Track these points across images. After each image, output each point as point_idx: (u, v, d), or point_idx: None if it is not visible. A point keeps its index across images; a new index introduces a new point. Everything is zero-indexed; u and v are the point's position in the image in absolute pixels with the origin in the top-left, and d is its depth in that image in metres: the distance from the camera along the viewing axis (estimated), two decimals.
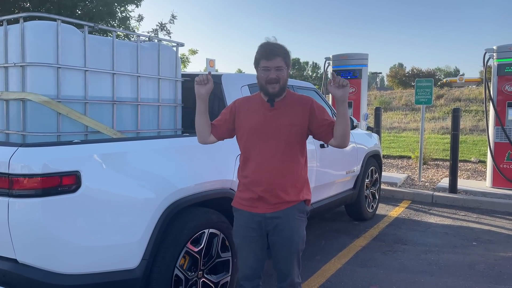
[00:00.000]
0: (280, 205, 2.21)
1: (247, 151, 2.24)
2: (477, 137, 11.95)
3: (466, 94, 18.18)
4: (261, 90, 2.24)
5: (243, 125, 2.25)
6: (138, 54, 2.94)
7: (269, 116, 2.21)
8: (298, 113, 2.23)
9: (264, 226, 2.23)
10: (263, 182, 2.19)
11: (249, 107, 2.27)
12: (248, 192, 2.24)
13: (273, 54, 2.13)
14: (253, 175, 2.21)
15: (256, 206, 2.22)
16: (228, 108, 2.34)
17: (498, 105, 6.44)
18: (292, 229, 2.23)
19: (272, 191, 2.19)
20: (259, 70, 2.17)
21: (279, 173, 2.20)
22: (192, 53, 10.02)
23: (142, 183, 2.37)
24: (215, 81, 3.40)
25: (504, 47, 6.39)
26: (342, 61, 7.91)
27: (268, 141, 2.19)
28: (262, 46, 2.18)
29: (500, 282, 3.51)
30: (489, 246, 4.40)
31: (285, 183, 2.21)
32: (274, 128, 2.20)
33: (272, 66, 2.13)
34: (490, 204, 5.92)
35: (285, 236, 2.22)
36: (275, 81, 2.14)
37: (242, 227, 2.27)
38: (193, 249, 2.61)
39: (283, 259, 2.27)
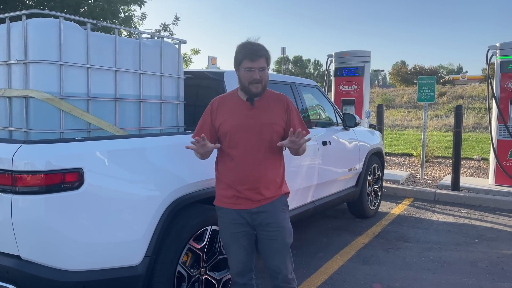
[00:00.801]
0: (263, 201, 2.28)
1: (229, 150, 2.27)
2: (480, 135, 11.92)
3: (468, 92, 18.13)
4: (242, 89, 2.26)
5: (224, 125, 2.26)
6: (140, 51, 2.94)
7: (250, 115, 2.25)
8: (276, 111, 2.30)
9: (251, 221, 2.29)
10: (247, 181, 2.24)
11: (227, 106, 2.29)
12: (231, 190, 2.28)
13: (257, 55, 2.16)
14: (236, 174, 2.25)
15: (239, 203, 2.27)
16: (207, 112, 2.33)
17: (501, 102, 6.41)
18: (278, 221, 2.29)
19: (256, 189, 2.25)
20: (242, 70, 2.20)
21: (262, 171, 2.25)
22: (194, 52, 10.04)
23: (144, 180, 2.38)
24: (217, 78, 3.41)
25: (507, 44, 6.36)
26: (344, 59, 7.88)
27: (250, 140, 2.23)
28: (244, 46, 2.21)
29: (503, 279, 3.51)
30: (492, 243, 4.39)
31: (268, 180, 2.27)
32: (256, 127, 2.23)
33: (256, 67, 2.16)
34: (493, 202, 5.91)
35: (273, 229, 2.27)
36: (258, 81, 2.18)
37: (229, 224, 2.31)
38: (196, 246, 2.61)
39: (273, 253, 2.30)
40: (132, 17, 7.56)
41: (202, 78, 3.54)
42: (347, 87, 7.90)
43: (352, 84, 7.83)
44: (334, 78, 8.07)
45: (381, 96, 20.05)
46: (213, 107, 2.32)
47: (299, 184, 3.78)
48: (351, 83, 7.85)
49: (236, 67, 2.26)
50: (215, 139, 2.33)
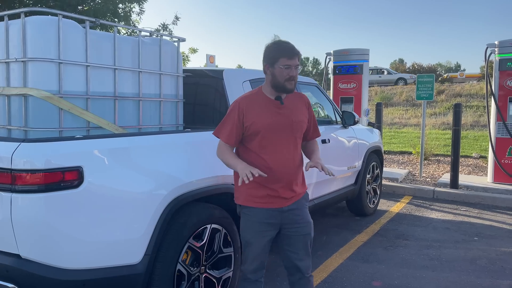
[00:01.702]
0: (294, 198, 2.36)
1: (259, 149, 2.29)
2: (478, 133, 11.93)
3: (467, 90, 18.13)
4: (275, 87, 2.28)
5: (256, 124, 2.27)
6: (139, 49, 2.93)
7: (281, 113, 2.31)
8: (301, 109, 2.39)
9: (281, 220, 2.34)
10: (282, 179, 2.29)
11: (256, 106, 2.31)
12: (263, 189, 2.30)
13: (294, 53, 2.24)
14: (270, 172, 2.27)
15: (272, 202, 2.31)
16: (234, 113, 2.30)
17: (500, 100, 6.42)
18: (305, 218, 2.39)
19: (290, 186, 2.32)
20: (279, 68, 2.22)
21: (294, 168, 2.34)
22: (192, 51, 10.03)
23: (144, 178, 2.37)
24: (216, 76, 3.41)
25: (506, 42, 6.37)
26: (343, 57, 7.88)
27: (282, 138, 2.30)
28: (280, 45, 2.26)
29: (502, 277, 3.52)
30: (490, 241, 4.40)
31: (298, 177, 2.36)
32: (287, 125, 2.30)
33: (293, 64, 2.23)
34: (492, 200, 5.92)
35: (302, 226, 2.37)
36: (293, 79, 2.25)
37: (257, 223, 2.32)
38: (196, 245, 2.61)
39: (299, 249, 2.38)
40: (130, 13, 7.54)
41: (201, 76, 3.53)
42: (346, 85, 7.89)
43: (351, 82, 7.83)
44: (332, 76, 8.07)
45: (379, 94, 20.04)
46: (241, 107, 2.30)
47: None
48: (350, 81, 7.85)
49: (268, 65, 2.27)
50: (240, 139, 2.34)
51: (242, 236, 2.41)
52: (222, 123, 2.35)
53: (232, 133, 2.30)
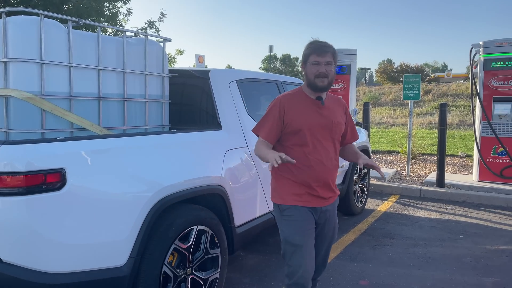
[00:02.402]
0: (331, 199, 2.40)
1: (299, 148, 2.30)
2: (464, 132, 12.09)
3: (453, 90, 18.37)
4: (308, 85, 2.30)
5: (296, 122, 2.28)
6: (124, 49, 2.90)
7: (322, 114, 2.32)
8: (339, 112, 2.41)
9: (318, 219, 2.37)
10: (321, 178, 2.31)
11: (297, 105, 2.32)
12: (302, 188, 2.31)
13: (324, 50, 2.23)
14: (311, 171, 2.29)
15: (310, 200, 2.32)
16: (275, 111, 2.32)
17: (485, 100, 6.51)
18: (335, 220, 2.47)
19: (328, 186, 2.35)
20: (309, 65, 2.26)
21: (332, 168, 2.36)
22: (179, 53, 9.99)
23: (129, 180, 2.35)
24: (202, 76, 3.39)
25: (490, 43, 6.46)
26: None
27: (323, 138, 2.31)
28: (312, 43, 2.28)
29: (486, 275, 3.56)
30: (476, 239, 4.46)
31: (334, 178, 2.39)
32: (328, 126, 2.32)
33: (323, 61, 2.22)
34: (477, 198, 6.00)
35: (331, 228, 2.45)
36: (324, 75, 2.23)
37: (303, 222, 2.29)
38: (182, 246, 2.59)
39: (320, 251, 2.47)
40: (117, 14, 7.47)
41: (187, 77, 3.51)
42: (333, 85, 7.89)
43: (338, 83, 7.86)
44: None
45: (367, 94, 20.20)
46: (282, 104, 2.32)
47: None
48: (337, 81, 7.87)
49: (303, 65, 2.31)
50: (279, 137, 2.36)
51: (289, 240, 2.27)
52: (263, 120, 2.36)
53: (272, 129, 2.31)
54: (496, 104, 6.44)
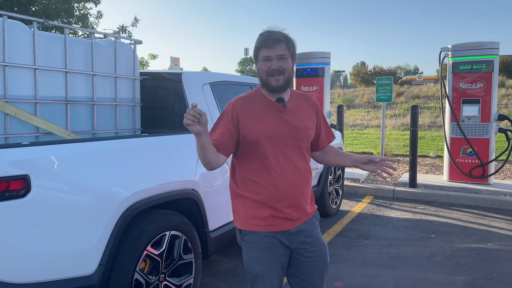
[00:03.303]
0: (303, 218, 1.94)
1: (259, 161, 1.89)
2: (435, 133, 12.40)
3: (424, 92, 18.82)
4: (263, 86, 1.90)
5: (253, 132, 1.88)
6: (93, 51, 2.83)
7: (284, 119, 1.90)
8: (308, 113, 1.99)
9: (290, 243, 1.93)
10: (287, 196, 1.89)
11: (253, 110, 1.91)
12: (265, 209, 1.89)
13: (274, 41, 1.83)
14: (273, 189, 1.88)
15: (276, 224, 1.89)
16: (227, 116, 1.91)
17: (454, 101, 6.69)
18: (318, 239, 1.97)
19: (297, 204, 1.91)
20: (260, 61, 1.86)
21: (301, 183, 1.93)
22: (152, 57, 9.87)
23: (97, 186, 2.28)
24: (175, 79, 3.34)
25: (458, 46, 6.65)
26: (305, 60, 7.98)
27: (286, 148, 1.90)
28: (261, 34, 1.88)
29: (456, 272, 3.64)
30: (446, 238, 4.56)
31: (306, 193, 1.96)
32: (292, 133, 1.91)
33: (274, 55, 1.82)
34: (447, 197, 6.15)
35: (316, 251, 1.94)
36: (278, 73, 1.83)
37: (265, 250, 1.89)
38: (154, 252, 2.54)
39: (314, 276, 1.96)
40: (87, 16, 7.31)
41: (159, 79, 3.46)
42: (308, 87, 7.99)
43: (313, 85, 7.94)
44: (295, 79, 8.15)
45: (342, 96, 20.47)
46: (234, 109, 1.90)
47: None
48: (312, 84, 7.95)
49: (255, 61, 1.91)
50: (235, 148, 1.94)
51: (248, 269, 1.94)
52: (213, 127, 1.93)
53: (221, 138, 1.87)
54: (465, 106, 6.63)
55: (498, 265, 3.79)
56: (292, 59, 1.89)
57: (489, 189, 6.26)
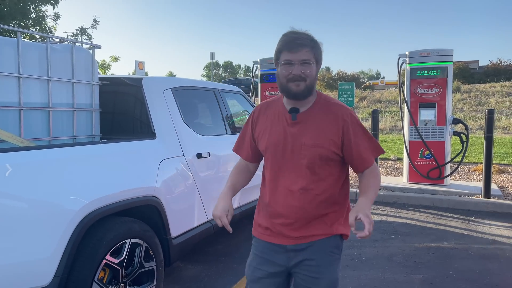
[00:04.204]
0: (303, 239, 1.78)
1: (268, 173, 1.82)
2: (396, 136, 12.80)
3: (386, 96, 19.41)
4: (281, 91, 1.75)
5: (261, 141, 1.82)
6: (48, 56, 2.75)
7: (290, 132, 1.75)
8: (327, 129, 1.74)
9: (286, 260, 1.79)
10: (282, 214, 1.77)
11: (269, 117, 1.82)
12: (266, 220, 1.83)
13: (298, 44, 1.67)
14: (271, 203, 1.80)
15: (275, 236, 1.81)
16: (248, 123, 1.90)
17: (412, 106, 6.95)
18: (321, 266, 1.76)
19: (292, 225, 1.77)
20: (280, 65, 1.71)
21: (300, 205, 1.75)
22: (114, 59, 9.67)
23: (52, 194, 2.21)
24: (135, 84, 3.30)
25: (415, 53, 6.91)
26: (269, 65, 8.06)
27: (287, 164, 1.76)
28: (284, 35, 1.72)
29: (415, 271, 3.78)
30: (405, 238, 4.72)
31: (308, 216, 1.76)
32: (294, 148, 1.75)
33: (296, 60, 1.67)
34: (407, 199, 6.36)
35: (311, 276, 1.75)
36: (300, 79, 1.68)
37: (257, 257, 1.84)
38: (113, 261, 2.49)
39: None
40: (44, 17, 7.07)
41: (119, 85, 3.40)
42: (273, 92, 8.07)
43: (277, 90, 8.02)
44: (260, 84, 8.21)
45: None
46: (254, 116, 1.87)
47: None
48: (276, 89, 8.03)
49: (275, 64, 1.77)
50: (260, 156, 1.91)
51: (245, 271, 1.92)
52: (240, 134, 1.96)
53: (242, 143, 1.90)
54: (422, 110, 6.89)
55: (453, 263, 3.96)
56: (317, 65, 1.74)
57: (445, 190, 6.53)
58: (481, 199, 6.05)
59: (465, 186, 6.79)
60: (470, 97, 16.76)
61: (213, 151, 3.61)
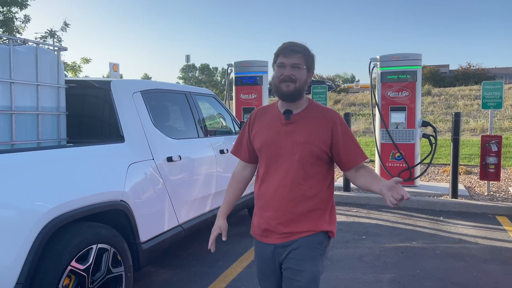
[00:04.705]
0: (290, 235, 1.92)
1: (262, 170, 1.99)
2: (369, 139, 13.04)
3: (360, 99, 19.75)
4: (275, 92, 1.92)
5: (257, 141, 1.99)
6: (10, 58, 2.68)
7: (283, 131, 1.93)
8: (318, 129, 1.91)
9: (277, 256, 1.96)
10: (271, 207, 1.93)
11: (265, 118, 2.01)
12: (259, 218, 1.99)
13: (292, 50, 1.88)
14: (263, 199, 1.96)
15: (266, 235, 1.97)
16: (246, 125, 2.09)
17: (383, 109, 7.09)
18: (303, 259, 1.90)
19: (280, 218, 1.91)
20: (275, 68, 1.92)
21: (289, 198, 1.90)
22: (85, 61, 9.47)
23: (14, 200, 2.15)
24: (104, 87, 3.25)
25: (386, 57, 7.07)
26: (244, 68, 8.09)
27: (279, 160, 1.92)
28: (283, 43, 1.95)
29: (384, 271, 3.85)
30: (376, 238, 4.81)
31: (296, 211, 1.91)
32: (286, 146, 1.91)
33: (289, 63, 1.87)
34: (378, 200, 6.48)
35: (294, 268, 1.90)
36: (290, 80, 1.86)
37: (257, 257, 2.06)
38: (79, 267, 2.44)
39: None
40: (12, 19, 6.87)
41: (87, 87, 3.34)
42: (247, 95, 8.10)
43: (252, 93, 8.05)
44: (234, 87, 8.23)
45: None
46: (251, 118, 2.06)
47: (196, 194, 3.76)
48: (251, 91, 8.07)
49: (273, 68, 1.99)
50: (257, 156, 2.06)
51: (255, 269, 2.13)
52: (238, 137, 2.14)
53: (240, 145, 2.10)
54: (393, 113, 7.05)
55: (420, 262, 4.06)
56: (308, 72, 1.92)
57: (415, 191, 6.69)
58: (448, 200, 6.23)
59: (434, 187, 6.98)
60: (440, 100, 17.24)
61: (184, 154, 3.60)
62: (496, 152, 6.27)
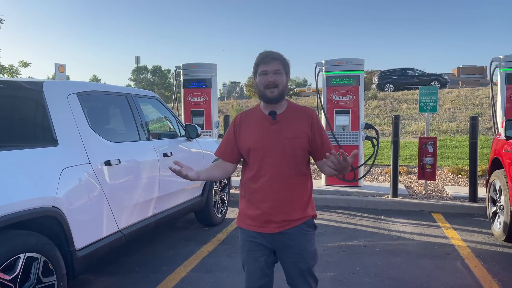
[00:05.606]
0: (288, 224, 2.17)
1: (255, 167, 2.17)
2: None
3: (310, 103, 20.18)
4: (260, 98, 2.17)
5: (246, 141, 2.19)
6: None
7: (272, 130, 2.16)
8: (300, 125, 2.18)
9: (272, 243, 2.19)
10: (270, 199, 2.14)
11: (250, 122, 2.22)
12: (254, 210, 2.18)
13: (271, 58, 2.13)
14: (261, 193, 2.15)
15: (263, 226, 2.17)
16: (231, 128, 2.27)
17: (328, 112, 7.30)
18: (301, 244, 2.19)
19: (279, 208, 2.14)
20: (258, 76, 2.14)
21: (288, 190, 2.15)
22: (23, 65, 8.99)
23: None
24: (35, 88, 3.10)
25: (331, 62, 7.29)
26: (192, 70, 8.03)
27: (272, 156, 2.14)
28: (260, 54, 2.18)
29: (325, 269, 3.96)
30: (320, 238, 4.92)
31: (292, 200, 2.17)
32: (278, 142, 2.14)
33: (270, 70, 2.11)
34: (324, 200, 6.66)
35: (295, 253, 2.19)
36: (273, 85, 2.10)
37: (247, 242, 2.21)
38: (5, 278, 2.32)
39: (296, 277, 2.23)
40: None
41: (17, 89, 3.18)
42: (196, 98, 8.04)
43: (200, 96, 8.01)
44: (183, 90, 8.14)
45: (235, 107, 20.95)
46: (236, 123, 2.25)
47: (137, 199, 3.68)
48: (199, 94, 8.02)
49: (254, 77, 2.19)
50: (240, 157, 2.26)
51: (240, 254, 2.30)
52: (223, 138, 2.32)
53: (226, 147, 2.26)
54: (338, 116, 7.28)
55: (361, 260, 4.21)
56: (286, 76, 2.17)
57: (359, 191, 6.94)
58: (389, 199, 6.52)
59: (377, 187, 7.28)
60: (386, 104, 18.00)
61: (124, 158, 3.51)
62: (432, 153, 6.64)
